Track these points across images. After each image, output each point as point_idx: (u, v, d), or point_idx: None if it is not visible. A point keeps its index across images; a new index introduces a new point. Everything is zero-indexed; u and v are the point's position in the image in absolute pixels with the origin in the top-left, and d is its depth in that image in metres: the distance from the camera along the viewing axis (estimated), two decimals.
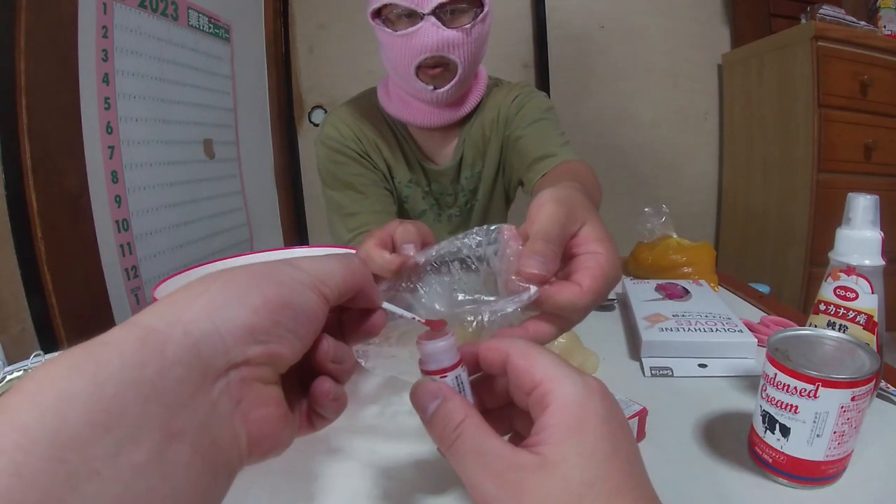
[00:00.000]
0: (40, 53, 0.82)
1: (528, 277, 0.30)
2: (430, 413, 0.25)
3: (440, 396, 0.25)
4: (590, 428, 0.22)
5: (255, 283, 0.23)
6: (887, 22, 1.54)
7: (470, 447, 0.23)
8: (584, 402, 0.23)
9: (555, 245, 0.31)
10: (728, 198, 1.86)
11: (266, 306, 0.22)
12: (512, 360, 0.25)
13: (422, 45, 0.70)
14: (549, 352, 0.25)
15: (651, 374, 0.50)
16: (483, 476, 0.22)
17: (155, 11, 1.10)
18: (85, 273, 0.91)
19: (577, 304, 0.30)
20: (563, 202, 0.32)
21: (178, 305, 0.21)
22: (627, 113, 1.82)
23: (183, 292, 0.22)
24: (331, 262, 0.26)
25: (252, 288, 0.22)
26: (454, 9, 0.70)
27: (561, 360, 0.25)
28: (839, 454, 0.32)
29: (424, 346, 0.26)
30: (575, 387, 0.23)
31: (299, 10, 1.78)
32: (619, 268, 0.33)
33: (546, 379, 0.24)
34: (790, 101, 1.48)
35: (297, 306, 0.23)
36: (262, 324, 0.22)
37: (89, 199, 0.91)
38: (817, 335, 0.36)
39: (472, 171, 0.88)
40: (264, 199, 1.67)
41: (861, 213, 0.39)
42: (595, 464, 0.21)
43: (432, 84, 0.75)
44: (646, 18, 1.79)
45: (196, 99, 1.27)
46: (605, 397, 0.24)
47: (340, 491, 0.36)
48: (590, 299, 0.30)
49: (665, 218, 0.79)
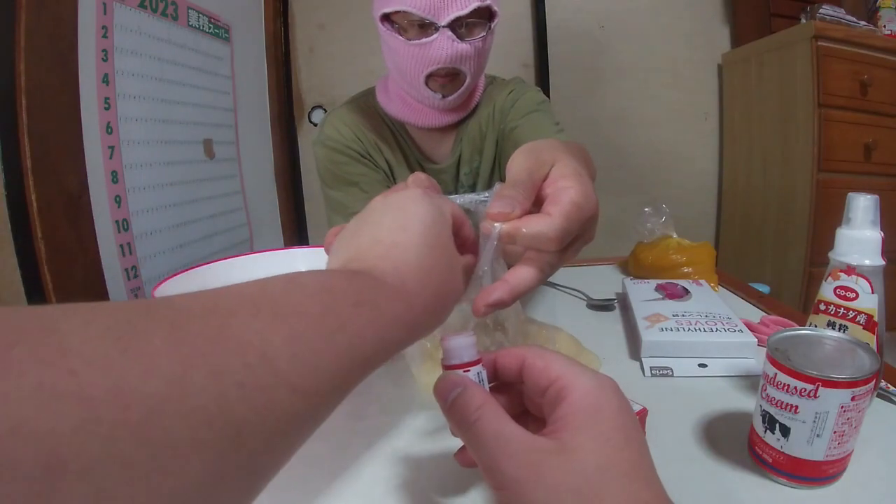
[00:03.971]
0: (40, 53, 0.82)
1: (492, 217, 0.31)
2: (451, 400, 0.26)
3: (461, 385, 0.26)
4: (604, 417, 0.24)
5: (422, 204, 0.29)
6: (887, 22, 1.54)
7: (488, 430, 0.24)
8: (598, 394, 0.24)
9: (521, 188, 0.32)
10: (728, 198, 1.85)
11: (452, 214, 0.32)
12: (528, 362, 0.27)
13: (436, 57, 0.70)
14: (563, 354, 0.27)
15: (651, 374, 0.50)
16: (501, 458, 0.23)
17: (155, 11, 1.10)
18: (85, 273, 0.91)
19: (547, 232, 0.30)
20: (530, 150, 0.34)
21: (397, 247, 0.27)
22: (627, 113, 1.82)
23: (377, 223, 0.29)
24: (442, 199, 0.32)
25: (425, 206, 0.29)
26: (468, 22, 0.70)
27: (574, 361, 0.26)
28: (839, 454, 0.32)
29: (448, 342, 0.28)
30: (590, 381, 0.25)
31: (299, 10, 1.77)
32: (592, 200, 0.32)
33: (562, 375, 0.25)
34: (790, 100, 1.48)
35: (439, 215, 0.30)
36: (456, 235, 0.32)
37: (89, 199, 0.91)
38: (817, 335, 0.36)
39: (470, 166, 0.89)
40: (264, 199, 1.67)
41: (861, 213, 0.39)
42: (609, 451, 0.23)
43: (441, 92, 0.75)
44: (646, 18, 1.79)
45: (196, 99, 1.27)
46: (618, 392, 0.25)
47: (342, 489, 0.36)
48: (560, 225, 0.30)
49: (665, 218, 0.79)
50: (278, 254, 0.67)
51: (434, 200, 0.30)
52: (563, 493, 0.22)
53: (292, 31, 1.78)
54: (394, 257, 0.26)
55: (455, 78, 0.75)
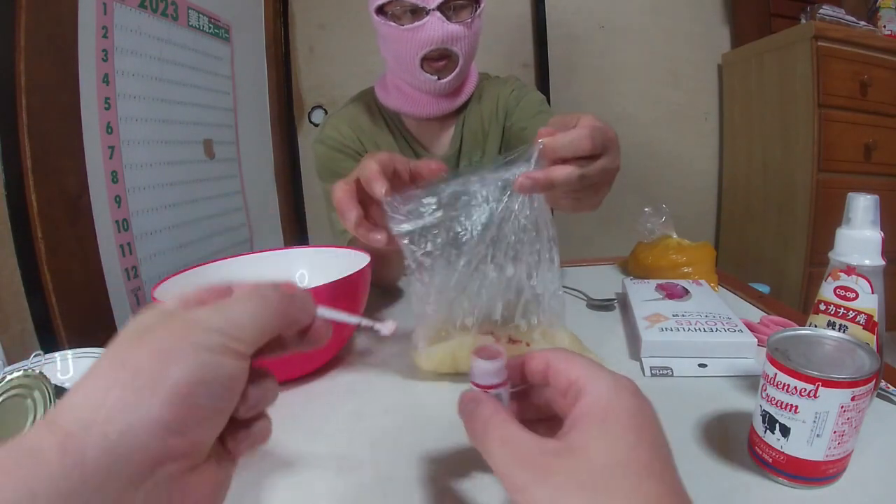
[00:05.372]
0: (40, 53, 0.82)
1: (540, 135, 0.41)
2: (467, 414, 0.27)
3: (476, 400, 0.27)
4: (614, 418, 0.24)
5: (159, 366, 0.21)
6: (887, 22, 1.53)
7: (498, 436, 0.25)
8: (612, 397, 0.24)
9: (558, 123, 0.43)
10: (728, 198, 1.85)
11: (178, 393, 0.20)
12: (552, 363, 0.27)
13: (428, 38, 0.75)
14: (586, 357, 0.27)
15: (651, 374, 0.50)
16: (512, 463, 0.24)
17: (155, 11, 1.10)
18: (85, 273, 0.90)
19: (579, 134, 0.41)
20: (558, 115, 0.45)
21: (91, 402, 0.20)
22: (627, 113, 1.82)
23: (92, 382, 0.21)
24: (241, 306, 0.24)
25: (160, 373, 0.20)
26: (456, 5, 0.75)
27: (597, 364, 0.27)
28: (839, 454, 0.32)
29: (477, 363, 0.29)
30: (606, 383, 0.25)
31: (299, 10, 1.77)
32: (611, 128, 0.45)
33: (580, 377, 0.26)
34: (790, 101, 1.48)
35: (212, 381, 0.21)
36: (178, 413, 0.20)
37: (89, 199, 0.91)
38: (817, 335, 0.36)
39: (470, 160, 0.90)
40: (264, 199, 1.67)
41: (861, 213, 0.39)
42: (619, 449, 0.22)
43: (436, 75, 0.79)
44: (646, 18, 1.79)
45: (196, 99, 1.27)
46: (636, 395, 0.25)
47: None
48: (587, 131, 0.41)
49: (665, 218, 0.79)
50: (278, 254, 0.67)
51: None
52: (570, 490, 0.22)
53: (292, 31, 1.78)
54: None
55: (448, 60, 0.79)
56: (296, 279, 0.64)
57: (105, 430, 0.19)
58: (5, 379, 0.39)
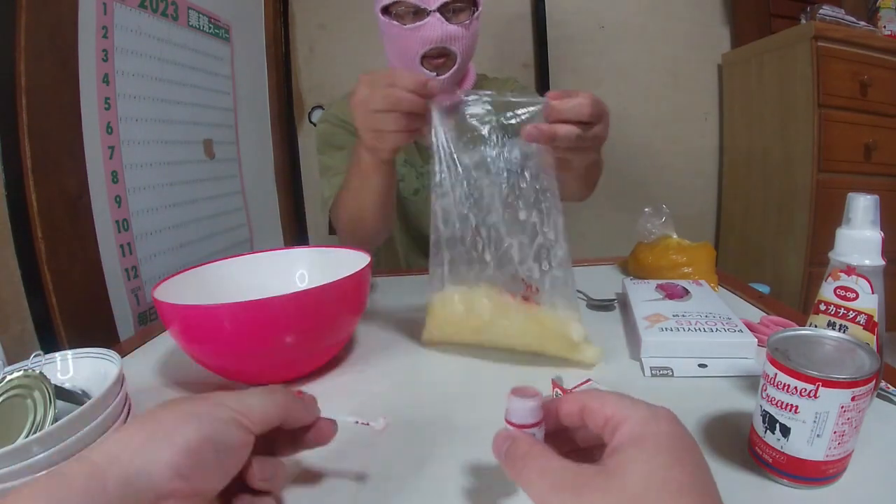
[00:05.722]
0: (40, 53, 0.82)
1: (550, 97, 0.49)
2: (503, 452, 0.28)
3: (511, 438, 0.28)
4: (651, 441, 0.24)
5: (178, 423, 0.27)
6: (887, 22, 1.53)
7: (537, 467, 0.25)
8: (647, 423, 0.25)
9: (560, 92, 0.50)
10: (728, 198, 1.85)
11: (188, 445, 0.26)
12: (587, 404, 0.28)
13: (428, 37, 0.80)
14: (618, 393, 0.28)
15: (651, 374, 0.50)
16: (548, 489, 0.24)
17: (155, 11, 1.10)
18: (85, 273, 0.90)
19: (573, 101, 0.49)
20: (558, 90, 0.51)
21: (120, 444, 0.25)
22: (627, 113, 1.82)
23: (126, 430, 0.26)
24: (253, 397, 0.30)
25: (176, 428, 0.26)
26: (455, 7, 0.81)
27: (629, 396, 0.27)
28: (839, 454, 0.32)
29: (513, 402, 0.29)
30: (642, 413, 0.26)
31: (299, 10, 1.77)
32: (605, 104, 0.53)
33: (616, 411, 0.26)
34: (790, 101, 1.48)
35: (219, 442, 0.27)
36: (185, 461, 0.25)
37: (89, 199, 0.91)
38: (817, 335, 0.36)
39: None
40: (264, 199, 1.67)
41: (861, 213, 0.39)
42: (654, 470, 0.23)
43: (435, 72, 0.84)
44: (646, 18, 1.79)
45: (196, 99, 1.27)
46: (672, 422, 0.26)
47: None
48: (587, 98, 0.50)
49: (665, 218, 0.79)
50: (278, 254, 0.67)
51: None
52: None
53: (292, 31, 1.78)
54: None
55: (447, 58, 0.84)
56: (296, 279, 0.65)
57: (126, 465, 0.24)
58: (5, 379, 0.39)
